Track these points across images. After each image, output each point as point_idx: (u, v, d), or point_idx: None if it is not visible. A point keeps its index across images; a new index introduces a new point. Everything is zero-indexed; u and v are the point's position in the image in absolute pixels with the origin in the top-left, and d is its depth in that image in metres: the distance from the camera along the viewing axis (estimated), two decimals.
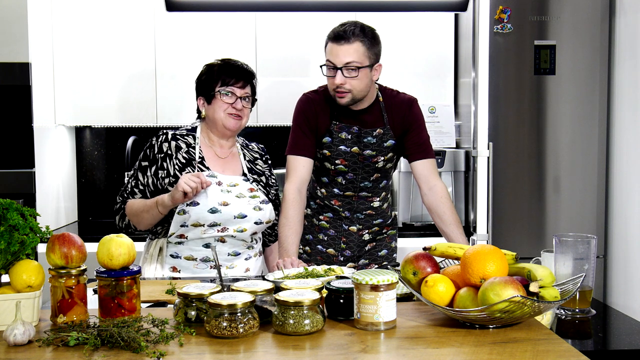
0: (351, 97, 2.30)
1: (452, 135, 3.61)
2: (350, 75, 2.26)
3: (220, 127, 2.30)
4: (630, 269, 3.14)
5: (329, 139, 2.39)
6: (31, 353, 1.37)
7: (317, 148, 2.42)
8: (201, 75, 2.34)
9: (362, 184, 2.44)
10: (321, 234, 2.50)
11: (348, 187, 2.44)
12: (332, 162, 2.41)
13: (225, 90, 2.27)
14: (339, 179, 2.43)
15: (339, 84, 2.27)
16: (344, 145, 2.39)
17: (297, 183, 2.38)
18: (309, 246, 2.51)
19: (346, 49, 2.25)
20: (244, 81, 2.30)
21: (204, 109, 2.33)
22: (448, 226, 2.35)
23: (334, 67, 2.28)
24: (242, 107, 2.29)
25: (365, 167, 2.42)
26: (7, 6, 3.19)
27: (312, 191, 2.53)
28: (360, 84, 2.29)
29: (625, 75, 3.20)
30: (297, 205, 2.35)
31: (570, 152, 3.26)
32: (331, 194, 2.47)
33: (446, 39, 3.68)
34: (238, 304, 1.43)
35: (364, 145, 2.39)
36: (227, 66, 2.31)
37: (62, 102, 3.56)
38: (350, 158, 2.40)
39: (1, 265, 1.53)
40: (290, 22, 3.62)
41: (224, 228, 2.23)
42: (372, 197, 2.49)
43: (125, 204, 2.30)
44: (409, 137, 2.43)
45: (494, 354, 1.34)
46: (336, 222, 2.49)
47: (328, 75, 2.33)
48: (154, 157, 2.28)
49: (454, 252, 1.70)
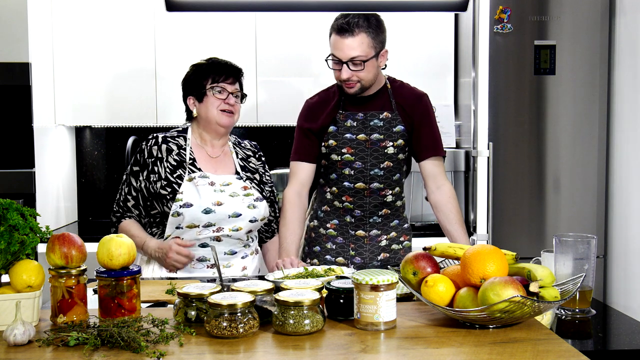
0: (360, 87, 2.31)
1: (452, 135, 3.61)
2: (357, 69, 2.26)
3: (214, 124, 2.30)
4: (630, 269, 3.14)
5: (334, 127, 2.38)
6: (31, 353, 1.37)
7: (322, 142, 2.39)
8: (189, 76, 2.35)
9: (372, 171, 2.37)
10: (329, 242, 2.44)
11: (358, 177, 2.37)
12: (338, 152, 2.37)
13: (218, 87, 2.27)
14: (347, 171, 2.37)
15: (345, 78, 2.27)
16: (349, 133, 2.36)
17: (297, 186, 2.38)
18: (317, 258, 2.45)
19: (350, 42, 2.23)
20: (233, 77, 2.30)
21: (195, 108, 2.33)
22: (453, 225, 2.34)
23: (339, 61, 2.27)
24: (234, 103, 2.30)
25: (373, 153, 2.36)
26: (7, 6, 3.19)
27: (321, 198, 2.49)
28: (368, 75, 2.30)
29: (625, 75, 3.20)
30: (296, 207, 2.35)
31: (570, 152, 3.26)
32: (342, 189, 2.40)
33: (446, 39, 3.68)
34: (238, 304, 1.43)
35: (371, 129, 2.36)
36: (215, 64, 2.32)
37: (62, 102, 3.56)
38: (357, 145, 2.36)
39: (1, 265, 1.53)
40: (290, 22, 3.62)
41: (219, 228, 2.23)
42: (385, 189, 2.40)
43: (120, 222, 2.31)
44: (420, 132, 2.39)
45: (494, 354, 1.34)
46: (342, 228, 2.42)
47: (334, 69, 2.31)
48: (145, 162, 2.29)
49: (454, 252, 1.70)
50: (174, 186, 2.23)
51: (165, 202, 2.23)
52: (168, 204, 2.22)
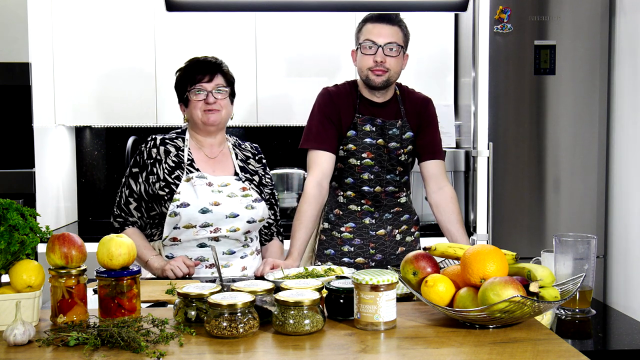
0: (387, 77, 2.34)
1: (452, 135, 3.62)
2: (392, 54, 2.32)
3: (201, 125, 2.30)
4: (630, 269, 3.14)
5: (353, 132, 2.38)
6: (31, 353, 1.37)
7: (340, 145, 2.40)
8: (176, 84, 2.35)
9: (388, 176, 2.41)
10: (345, 246, 2.44)
11: (376, 182, 2.41)
12: (358, 157, 2.39)
13: (195, 89, 2.27)
14: (365, 175, 2.40)
15: (380, 60, 2.30)
16: (369, 138, 2.38)
17: (318, 176, 2.37)
18: (331, 261, 2.44)
19: (389, 28, 2.33)
20: (210, 74, 2.28)
21: (184, 113, 2.34)
22: (453, 225, 2.36)
23: (374, 44, 2.31)
24: (215, 100, 2.27)
25: (390, 160, 2.40)
26: (7, 6, 3.19)
27: (332, 202, 2.48)
28: (397, 66, 2.35)
29: (625, 75, 3.20)
30: (314, 200, 2.34)
31: (570, 152, 3.26)
32: (361, 193, 2.42)
33: (446, 39, 3.68)
34: (238, 304, 1.43)
35: (389, 137, 2.39)
36: (193, 65, 2.31)
37: (62, 102, 3.56)
38: (376, 151, 2.39)
39: (1, 265, 1.53)
40: (290, 22, 3.62)
41: (216, 228, 2.23)
42: (399, 193, 2.46)
43: (123, 230, 2.29)
44: (423, 135, 2.44)
45: (494, 354, 1.34)
46: (361, 230, 2.44)
47: (367, 54, 2.33)
48: (144, 163, 2.29)
49: (454, 252, 1.70)
50: (172, 187, 2.23)
51: (164, 202, 2.23)
52: (166, 204, 2.22)
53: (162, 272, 2.17)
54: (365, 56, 2.33)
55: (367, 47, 2.32)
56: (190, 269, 2.16)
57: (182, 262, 2.16)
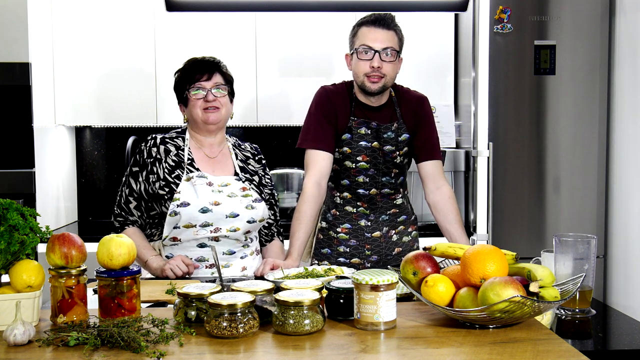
0: (383, 83, 2.33)
1: (452, 135, 3.62)
2: (388, 60, 2.30)
3: (201, 124, 2.30)
4: (630, 269, 3.14)
5: (348, 135, 2.39)
6: (31, 353, 1.37)
7: (335, 147, 2.40)
8: (175, 85, 2.36)
9: (384, 178, 2.41)
10: (341, 246, 2.45)
11: (371, 184, 2.41)
12: (353, 160, 2.39)
13: (194, 88, 2.27)
14: (361, 178, 2.40)
15: (377, 66, 2.29)
16: (364, 141, 2.38)
17: (317, 176, 2.37)
18: (328, 260, 2.46)
19: (385, 33, 2.31)
20: (208, 73, 2.29)
21: (184, 113, 2.35)
22: (452, 225, 2.36)
23: (370, 50, 2.29)
24: (214, 98, 2.28)
25: (385, 163, 2.40)
26: (7, 6, 3.19)
27: (329, 202, 2.49)
28: (393, 71, 2.34)
29: (625, 75, 3.20)
30: (313, 200, 2.34)
31: (570, 152, 3.26)
32: (356, 196, 2.43)
33: (446, 39, 3.68)
34: (238, 304, 1.43)
35: (384, 140, 2.39)
36: (191, 65, 2.33)
37: (62, 102, 3.56)
38: (371, 153, 2.38)
39: (1, 265, 1.53)
40: (290, 22, 3.62)
41: (216, 228, 2.23)
42: (395, 195, 2.46)
43: (124, 230, 2.29)
44: (420, 135, 2.43)
45: (494, 354, 1.34)
46: (357, 232, 2.44)
47: (363, 59, 2.32)
48: (144, 162, 2.29)
49: (454, 252, 1.70)
50: (172, 186, 2.23)
51: (164, 202, 2.23)
52: (166, 204, 2.22)
53: (161, 272, 2.17)
54: (361, 61, 2.32)
55: (363, 52, 2.31)
56: (189, 267, 2.16)
57: (181, 261, 2.16)
